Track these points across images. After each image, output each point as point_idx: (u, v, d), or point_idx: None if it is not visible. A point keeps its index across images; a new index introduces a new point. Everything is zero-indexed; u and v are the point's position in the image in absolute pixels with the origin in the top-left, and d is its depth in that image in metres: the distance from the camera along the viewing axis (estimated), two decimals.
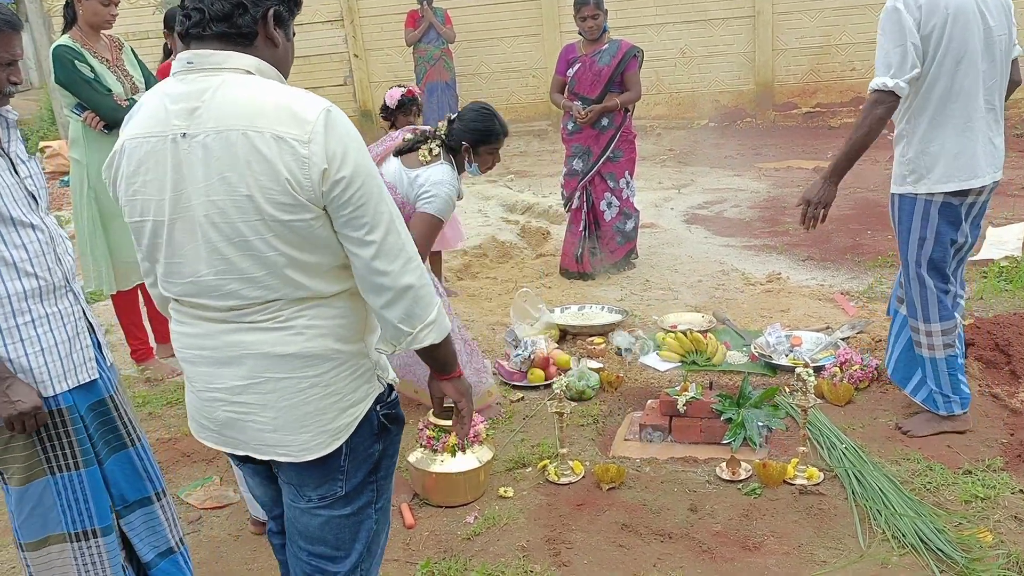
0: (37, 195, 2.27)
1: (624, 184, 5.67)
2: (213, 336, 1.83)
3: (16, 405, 2.15)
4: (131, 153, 1.77)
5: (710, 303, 5.15)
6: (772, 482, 3.20)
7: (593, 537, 3.01)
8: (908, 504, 2.99)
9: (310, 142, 1.65)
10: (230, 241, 1.71)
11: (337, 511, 1.95)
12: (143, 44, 12.16)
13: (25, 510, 2.30)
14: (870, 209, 6.82)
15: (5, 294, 2.16)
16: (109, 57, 4.30)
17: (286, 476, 1.94)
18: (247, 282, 1.74)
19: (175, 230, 1.76)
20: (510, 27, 11.21)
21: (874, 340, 4.28)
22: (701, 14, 10.65)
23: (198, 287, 1.78)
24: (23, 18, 13.10)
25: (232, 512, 3.35)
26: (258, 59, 1.76)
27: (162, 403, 4.38)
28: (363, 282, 1.78)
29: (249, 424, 1.86)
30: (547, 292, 5.53)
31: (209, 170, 1.68)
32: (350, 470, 1.92)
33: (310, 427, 1.84)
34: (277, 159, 1.65)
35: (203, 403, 1.92)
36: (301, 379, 1.81)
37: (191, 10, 1.73)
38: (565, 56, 5.64)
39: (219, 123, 1.67)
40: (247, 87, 1.70)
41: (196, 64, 1.73)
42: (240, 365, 1.82)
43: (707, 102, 10.99)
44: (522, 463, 3.52)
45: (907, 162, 3.30)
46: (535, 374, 4.23)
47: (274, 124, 1.66)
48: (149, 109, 1.78)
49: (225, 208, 1.69)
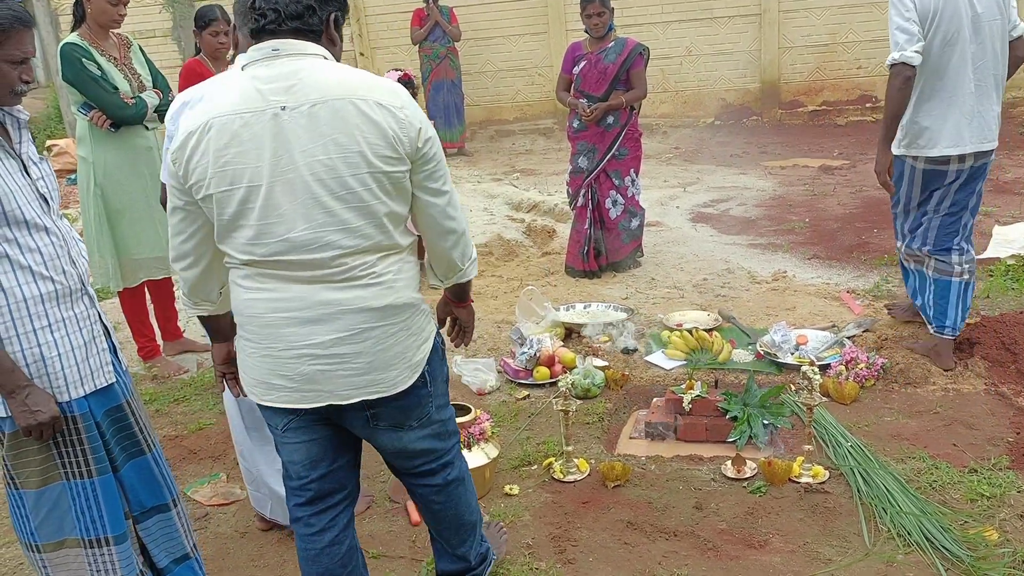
0: (49, 197, 2.25)
1: (630, 182, 5.67)
2: (303, 298, 2.05)
3: (36, 415, 2.13)
4: (221, 129, 1.97)
5: (716, 301, 5.14)
6: (777, 480, 3.20)
7: (598, 535, 3.02)
8: (914, 502, 2.99)
9: (404, 107, 2.01)
10: (335, 195, 1.98)
11: (434, 425, 2.32)
12: (150, 42, 12.19)
13: (42, 512, 2.28)
14: (876, 207, 6.80)
15: (21, 298, 2.14)
16: (117, 55, 4.31)
17: (386, 421, 2.22)
18: (346, 232, 2.01)
19: (274, 192, 1.98)
20: (516, 25, 11.20)
21: (880, 339, 4.27)
22: (707, 12, 10.64)
23: (291, 244, 2.01)
24: None
25: (239, 509, 3.37)
26: (326, 50, 2.06)
27: (169, 400, 4.40)
28: (434, 227, 2.17)
29: (339, 373, 2.10)
30: (552, 290, 5.53)
31: (317, 133, 1.95)
32: (434, 391, 2.29)
33: (397, 365, 2.15)
34: (382, 120, 1.97)
35: (284, 362, 2.10)
36: (391, 325, 2.11)
37: (267, 9, 1.99)
38: (571, 54, 5.63)
39: (322, 95, 1.95)
40: (334, 68, 2.02)
41: (282, 51, 1.99)
42: (335, 321, 2.06)
43: (713, 100, 10.98)
44: (528, 461, 3.52)
45: (901, 128, 3.81)
46: (540, 372, 4.23)
47: (374, 94, 1.99)
48: (236, 91, 2.00)
49: (334, 165, 1.96)
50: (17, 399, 2.12)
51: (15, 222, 2.12)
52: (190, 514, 3.29)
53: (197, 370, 4.76)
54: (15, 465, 2.25)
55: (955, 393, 3.79)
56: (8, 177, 2.12)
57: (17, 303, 2.13)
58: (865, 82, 10.47)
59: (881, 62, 10.01)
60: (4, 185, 2.10)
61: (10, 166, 2.15)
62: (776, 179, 8.29)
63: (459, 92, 10.26)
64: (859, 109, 10.36)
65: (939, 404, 3.70)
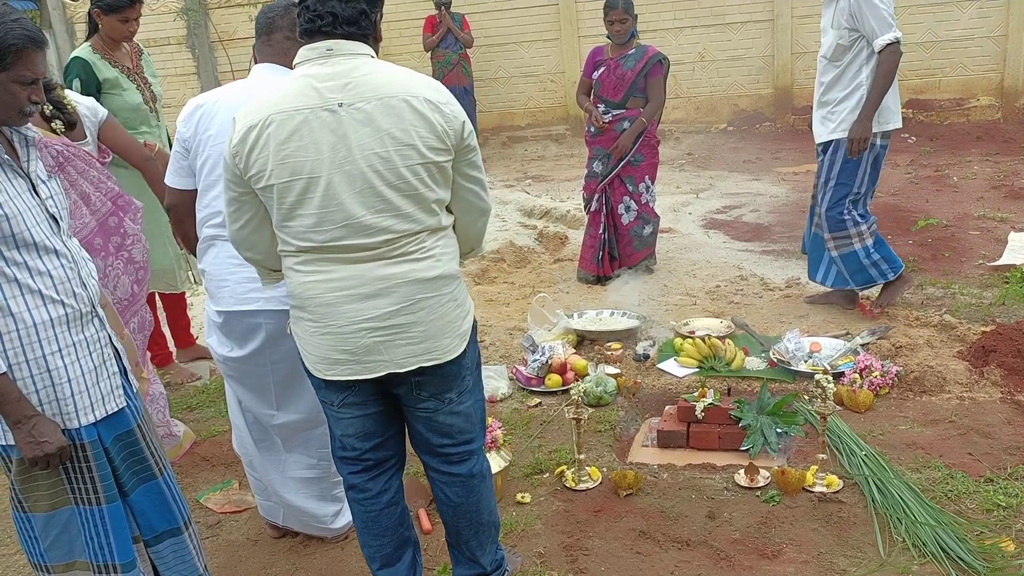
0: (59, 216, 2.21)
1: (644, 189, 5.65)
2: (360, 275, 2.22)
3: (43, 446, 2.10)
4: (281, 124, 2.14)
5: (728, 308, 5.12)
6: (791, 489, 3.18)
7: (610, 544, 3.00)
8: (929, 512, 2.96)
9: (449, 103, 2.22)
10: (390, 184, 2.17)
11: (468, 401, 2.46)
12: (164, 50, 12.29)
13: (51, 536, 2.27)
14: (889, 214, 6.76)
15: (31, 323, 2.10)
16: (130, 65, 4.32)
17: (428, 391, 2.37)
18: (400, 218, 2.20)
19: (333, 182, 2.15)
20: (528, 32, 11.21)
21: (895, 346, 4.24)
22: (719, 18, 10.61)
23: (351, 229, 2.18)
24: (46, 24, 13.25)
25: (251, 516, 3.37)
26: (372, 48, 2.25)
27: (182, 407, 4.41)
28: (471, 209, 2.40)
29: (396, 342, 2.27)
30: (565, 297, 5.53)
31: (374, 128, 2.14)
32: (470, 364, 2.44)
33: (449, 333, 2.33)
34: (431, 115, 2.17)
35: (345, 337, 2.26)
36: (441, 295, 2.30)
37: (324, 12, 2.16)
38: (592, 58, 5.66)
39: (377, 92, 2.15)
40: (386, 67, 2.22)
41: (336, 51, 2.17)
42: (391, 294, 2.24)
43: (726, 106, 10.95)
44: (539, 469, 3.52)
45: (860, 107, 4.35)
46: (552, 379, 4.22)
47: (424, 91, 2.19)
48: (293, 89, 2.17)
49: (390, 157, 2.15)
50: (23, 429, 2.09)
51: (24, 244, 2.08)
52: (202, 521, 3.31)
53: (210, 377, 4.77)
54: (24, 490, 2.23)
55: (971, 401, 3.76)
56: (16, 198, 2.08)
57: (27, 329, 2.09)
58: None
59: None
60: (12, 206, 2.06)
61: (18, 186, 2.11)
62: (789, 185, 8.25)
63: (471, 98, 10.26)
64: None
65: (954, 413, 3.67)
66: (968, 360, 4.04)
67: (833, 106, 4.46)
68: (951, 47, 9.93)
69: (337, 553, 3.09)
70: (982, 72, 9.91)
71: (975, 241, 5.96)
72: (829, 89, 4.47)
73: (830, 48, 4.40)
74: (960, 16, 9.80)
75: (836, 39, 4.36)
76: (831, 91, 4.46)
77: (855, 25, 4.29)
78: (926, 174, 7.94)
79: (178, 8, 12.00)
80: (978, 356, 4.04)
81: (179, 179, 2.81)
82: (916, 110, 10.04)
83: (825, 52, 4.45)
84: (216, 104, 2.70)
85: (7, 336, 2.08)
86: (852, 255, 4.61)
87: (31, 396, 2.12)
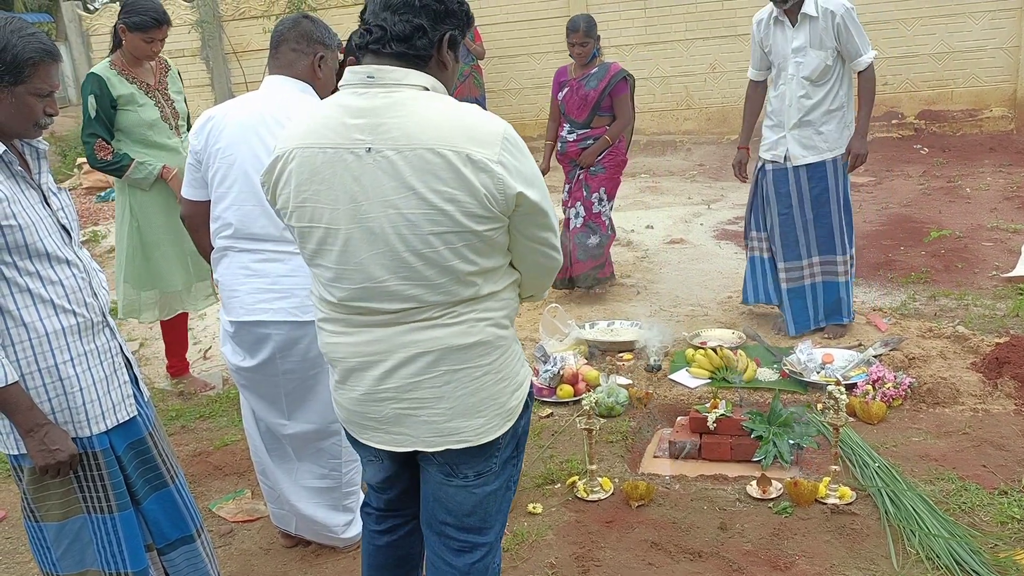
0: (70, 227, 2.23)
1: (597, 200, 5.48)
2: (382, 340, 1.92)
3: (55, 454, 2.11)
4: (303, 161, 1.85)
5: (740, 319, 5.12)
6: (803, 501, 3.17)
7: (622, 555, 3.00)
8: (942, 525, 2.95)
9: (500, 161, 1.78)
10: (416, 252, 1.81)
11: (490, 486, 2.08)
12: (179, 62, 12.31)
13: (63, 544, 2.28)
14: (902, 225, 6.75)
15: (44, 332, 2.12)
16: (151, 81, 4.26)
17: (442, 458, 2.01)
18: (428, 288, 1.85)
19: (352, 239, 1.84)
20: (540, 43, 11.25)
21: (907, 357, 4.23)
22: (730, 29, 10.62)
23: (371, 292, 1.87)
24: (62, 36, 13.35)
25: (263, 525, 3.38)
26: (433, 77, 1.87)
27: (195, 416, 4.43)
28: (536, 269, 2.00)
29: (421, 418, 1.96)
30: (576, 308, 5.53)
31: (400, 184, 1.77)
32: (503, 447, 2.06)
33: (486, 411, 1.97)
34: (473, 177, 1.76)
35: (369, 404, 2.00)
36: (476, 368, 1.93)
37: (373, 26, 1.82)
38: (557, 79, 5.52)
39: (410, 140, 1.76)
40: (431, 106, 1.81)
41: (377, 79, 1.81)
42: (414, 363, 1.91)
43: (737, 117, 10.80)
44: (551, 479, 3.51)
45: (848, 124, 4.50)
46: (564, 390, 4.23)
47: (466, 144, 1.77)
48: (320, 119, 1.86)
49: (416, 220, 1.78)
50: (35, 438, 2.10)
51: (37, 254, 2.11)
52: (214, 530, 3.32)
53: (223, 386, 4.79)
54: (36, 499, 2.24)
55: (984, 413, 3.74)
56: (30, 208, 2.11)
57: (39, 338, 2.11)
58: (890, 98, 10.39)
59: (907, 78, 10.05)
60: (27, 217, 2.09)
61: (31, 197, 2.14)
62: None
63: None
64: (884, 125, 10.27)
65: (968, 424, 3.65)
66: (981, 371, 4.03)
67: (819, 126, 4.47)
68: (963, 58, 9.91)
69: (348, 563, 3.09)
70: (995, 83, 9.88)
71: (988, 252, 5.94)
72: (813, 110, 4.45)
73: (816, 69, 4.37)
74: (973, 27, 9.78)
75: (823, 59, 4.35)
76: (815, 111, 4.45)
77: (837, 44, 4.33)
78: (939, 185, 7.92)
79: (193, 20, 12.12)
80: (991, 367, 4.03)
81: (193, 191, 2.85)
82: (928, 121, 10.02)
83: (809, 73, 4.39)
84: (226, 117, 2.74)
85: (20, 345, 2.11)
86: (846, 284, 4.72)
87: (43, 405, 2.14)
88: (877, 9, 9.86)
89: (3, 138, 2.11)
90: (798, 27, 4.39)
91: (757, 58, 4.67)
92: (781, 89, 4.55)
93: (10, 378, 2.04)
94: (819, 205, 4.56)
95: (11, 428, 2.13)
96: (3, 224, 2.04)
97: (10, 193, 2.07)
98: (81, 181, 12.36)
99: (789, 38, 4.43)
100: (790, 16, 4.40)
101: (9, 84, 2.05)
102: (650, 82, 11.03)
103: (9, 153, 2.10)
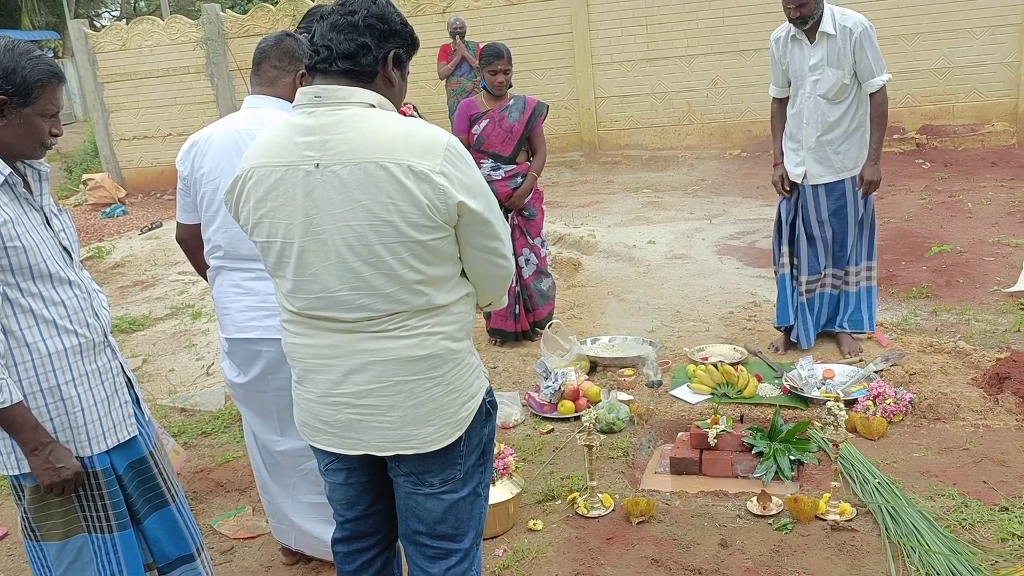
0: (71, 248, 2.26)
1: (539, 243, 5.39)
2: (339, 346, 2.00)
3: (60, 472, 2.13)
4: (259, 180, 1.95)
5: (742, 335, 5.12)
6: (804, 517, 3.17)
7: (622, 572, 3.00)
8: (943, 541, 2.94)
9: (442, 172, 1.86)
10: (365, 261, 1.90)
11: (458, 493, 2.14)
12: (183, 79, 12.48)
13: (64, 564, 2.29)
14: (904, 240, 6.76)
15: (46, 353, 2.14)
16: None
17: (407, 467, 2.09)
18: (378, 297, 1.93)
19: (306, 251, 1.93)
20: (543, 59, 11.30)
21: (908, 373, 4.23)
22: (732, 45, 10.67)
23: (327, 301, 1.96)
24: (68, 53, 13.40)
25: (264, 542, 3.38)
26: (379, 95, 1.95)
27: (196, 433, 4.44)
28: (486, 277, 2.07)
29: (373, 424, 2.03)
30: (578, 323, 5.54)
31: (347, 197, 1.86)
32: (466, 455, 2.13)
33: (435, 421, 2.04)
34: (415, 188, 1.84)
35: (323, 407, 2.07)
36: (427, 379, 2.01)
37: (320, 47, 1.92)
38: (466, 113, 5.21)
39: (355, 155, 1.85)
40: (375, 121, 1.89)
41: (324, 98, 1.91)
42: (367, 371, 1.99)
43: (739, 132, 10.98)
44: (551, 496, 3.52)
45: (867, 144, 4.47)
46: (565, 406, 4.23)
47: (407, 156, 1.85)
48: (274, 138, 1.96)
49: (363, 232, 1.87)
50: (40, 456, 2.12)
51: (40, 275, 2.13)
52: (215, 547, 3.32)
53: (225, 403, 4.80)
54: (37, 518, 2.26)
55: (985, 429, 3.73)
56: (33, 230, 2.14)
57: (41, 358, 2.14)
58: (892, 113, 10.24)
59: (908, 93, 10.07)
60: (30, 238, 2.12)
61: (34, 219, 2.17)
62: None
63: None
64: (886, 141, 10.23)
65: (969, 440, 3.65)
66: (983, 387, 4.03)
67: (838, 145, 4.44)
68: (965, 73, 9.94)
69: None
70: (996, 98, 9.91)
71: (990, 267, 5.94)
72: (832, 128, 4.42)
73: (833, 87, 4.34)
74: (973, 42, 9.82)
75: (840, 78, 4.32)
76: (834, 131, 4.42)
77: (854, 63, 4.31)
78: (940, 200, 7.93)
79: (198, 38, 12.21)
80: (993, 383, 4.03)
81: (185, 215, 2.91)
82: (930, 136, 10.04)
83: (825, 91, 4.36)
84: (208, 141, 2.78)
85: (22, 365, 2.13)
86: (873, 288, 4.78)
87: (45, 424, 2.16)
88: (878, 25, 9.76)
89: (8, 159, 2.14)
90: (815, 45, 4.36)
91: (778, 75, 4.61)
92: (798, 107, 4.51)
93: (15, 398, 2.06)
94: (838, 220, 4.56)
95: (12, 448, 2.15)
96: (8, 245, 2.06)
97: (14, 215, 2.09)
98: (87, 197, 12.44)
99: (806, 56, 4.40)
100: (808, 34, 4.38)
101: (18, 106, 2.09)
102: (652, 97, 11.08)
103: (14, 175, 2.13)
